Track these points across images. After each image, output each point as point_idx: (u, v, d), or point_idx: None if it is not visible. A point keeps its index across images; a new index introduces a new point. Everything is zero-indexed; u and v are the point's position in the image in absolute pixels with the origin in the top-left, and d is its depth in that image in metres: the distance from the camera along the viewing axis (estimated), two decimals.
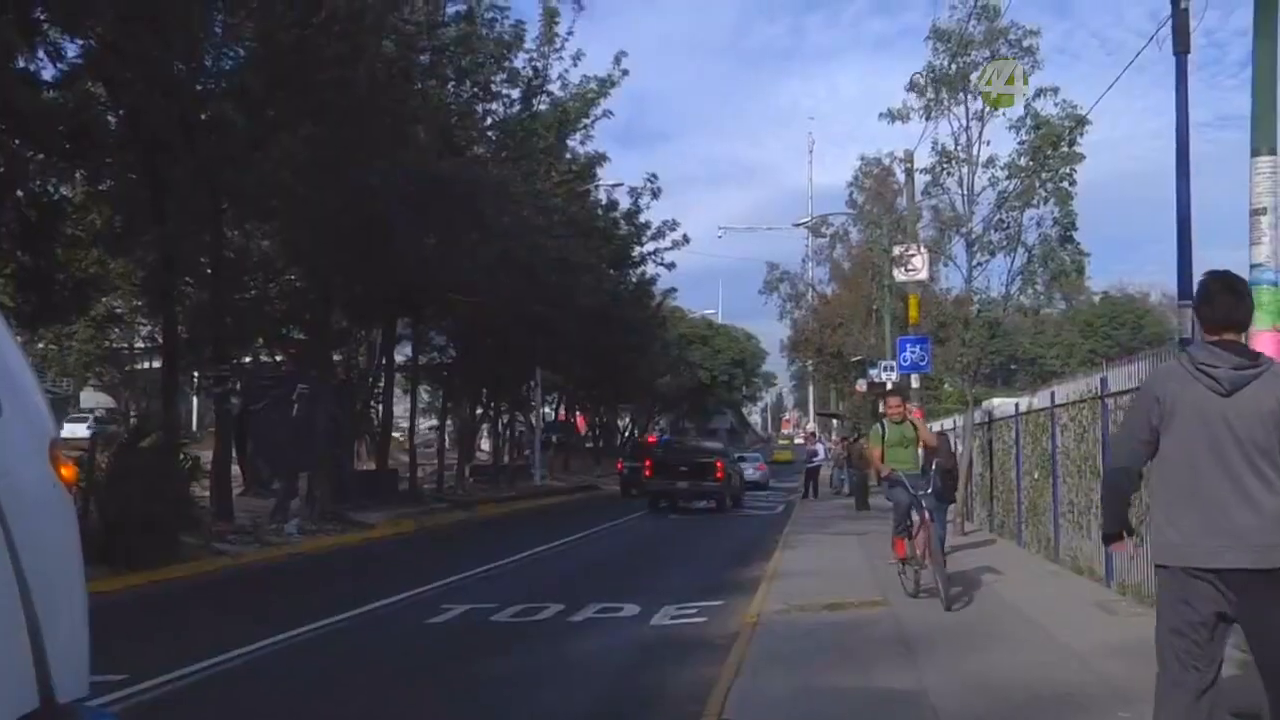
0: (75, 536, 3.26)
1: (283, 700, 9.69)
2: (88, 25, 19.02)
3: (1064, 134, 31.98)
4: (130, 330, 38.51)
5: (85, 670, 3.19)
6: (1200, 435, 5.12)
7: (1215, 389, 5.08)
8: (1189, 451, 5.15)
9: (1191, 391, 5.14)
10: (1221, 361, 5.10)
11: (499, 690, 9.85)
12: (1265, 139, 7.64)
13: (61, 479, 3.21)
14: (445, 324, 40.36)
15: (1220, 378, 5.07)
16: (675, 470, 36.20)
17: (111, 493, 17.74)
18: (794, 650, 10.45)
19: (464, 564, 19.21)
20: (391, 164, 25.38)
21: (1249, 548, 4.96)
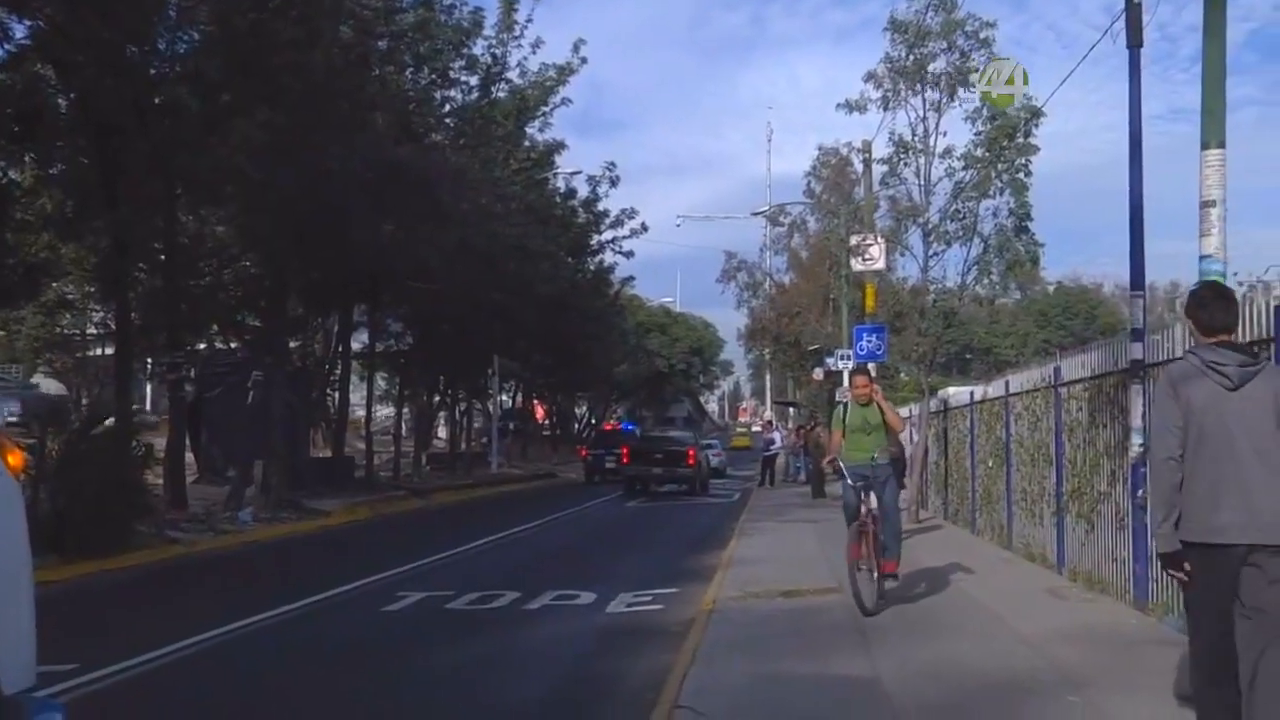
0: (22, 524, 3.21)
1: (235, 689, 9.63)
2: (35, 6, 18.79)
3: (1019, 126, 32.26)
4: (82, 316, 38.09)
5: (32, 660, 3.15)
6: (1215, 425, 5.66)
7: (1225, 384, 5.67)
8: (1206, 440, 5.67)
9: (1204, 387, 5.70)
10: (1228, 360, 5.71)
11: (454, 678, 9.82)
12: (1215, 133, 7.71)
13: (8, 466, 3.16)
14: (402, 311, 40.23)
15: (1229, 374, 5.66)
16: (651, 457, 38.28)
17: (62, 480, 17.56)
18: (750, 637, 10.48)
19: (420, 552, 19.17)
20: (348, 150, 25.20)
21: (1262, 526, 5.49)
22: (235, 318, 32.83)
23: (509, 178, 41.06)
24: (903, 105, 34.00)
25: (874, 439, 12.20)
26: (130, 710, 8.81)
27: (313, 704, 9.00)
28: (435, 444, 55.65)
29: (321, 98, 23.62)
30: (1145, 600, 11.14)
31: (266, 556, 20.09)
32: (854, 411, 12.42)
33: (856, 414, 12.34)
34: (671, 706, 7.84)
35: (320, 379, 38.35)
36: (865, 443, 12.17)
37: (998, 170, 33.69)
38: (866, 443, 12.17)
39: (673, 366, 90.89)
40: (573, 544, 22.00)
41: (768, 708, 7.77)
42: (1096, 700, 7.67)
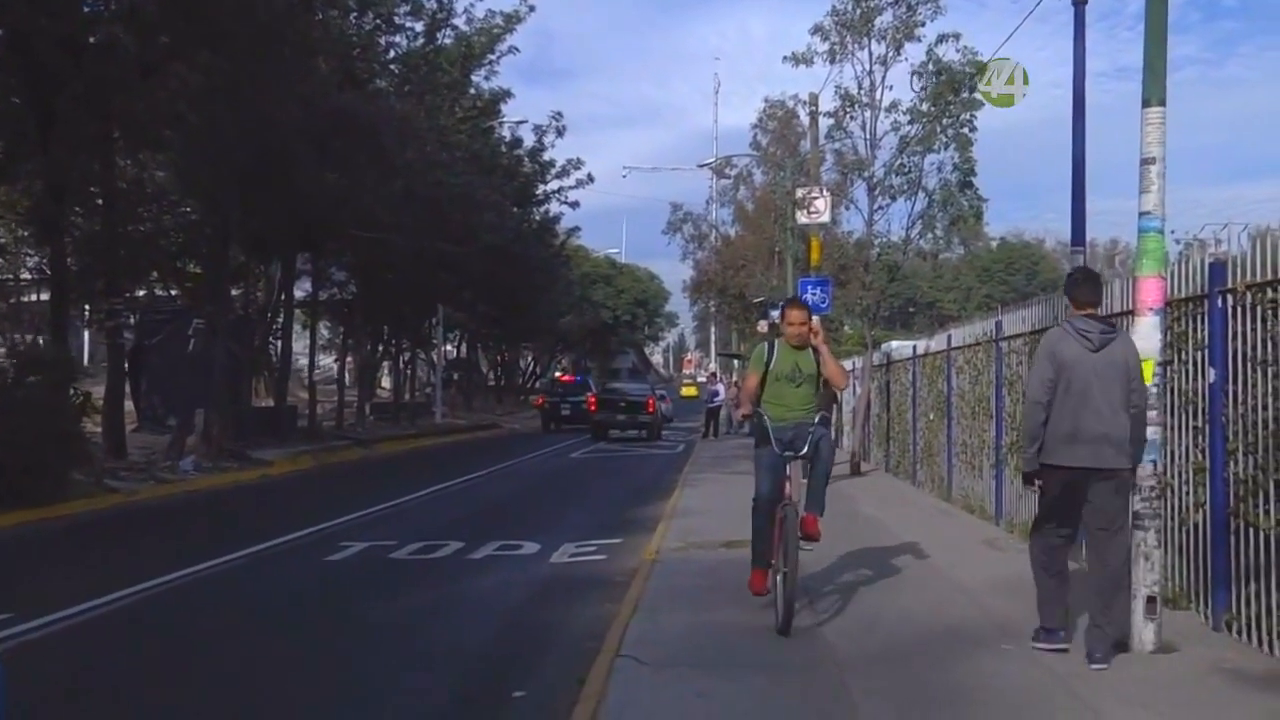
0: None
1: (175, 639, 9.58)
2: None
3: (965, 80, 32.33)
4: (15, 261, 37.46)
5: None
6: (1079, 379, 7.50)
7: (1088, 346, 7.51)
8: (1071, 391, 7.51)
9: (1073, 348, 7.55)
10: (1092, 329, 7.58)
11: (396, 628, 9.82)
12: (1156, 90, 7.75)
13: None
14: (346, 259, 39.86)
15: (1092, 339, 7.53)
16: (616, 406, 43.00)
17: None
18: (692, 587, 10.57)
19: (363, 502, 19.12)
20: (291, 96, 24.84)
21: (1105, 456, 7.42)
22: (176, 264, 32.46)
23: (454, 126, 40.79)
24: (849, 59, 33.96)
25: (804, 394, 9.27)
26: (68, 661, 8.76)
27: (254, 654, 8.97)
28: (379, 394, 55.48)
29: (263, 42, 23.10)
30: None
31: (208, 506, 19.97)
32: (784, 355, 9.29)
33: (787, 358, 9.26)
34: (613, 655, 7.88)
35: (263, 327, 37.97)
36: (793, 397, 9.24)
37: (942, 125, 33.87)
38: (795, 397, 9.24)
39: (617, 318, 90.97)
40: (517, 495, 22.02)
41: (709, 656, 7.84)
42: (1030, 648, 7.80)
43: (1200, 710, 6.45)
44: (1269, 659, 7.48)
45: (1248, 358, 7.83)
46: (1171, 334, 8.67)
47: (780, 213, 40.43)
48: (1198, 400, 8.56)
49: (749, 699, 6.72)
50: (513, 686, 7.69)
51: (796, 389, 9.24)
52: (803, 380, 9.25)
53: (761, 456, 9.09)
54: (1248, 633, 7.83)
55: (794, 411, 9.20)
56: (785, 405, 9.23)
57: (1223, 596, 8.17)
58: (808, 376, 9.27)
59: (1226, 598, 8.12)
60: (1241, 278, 7.93)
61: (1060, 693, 6.81)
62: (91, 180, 24.70)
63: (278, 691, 7.82)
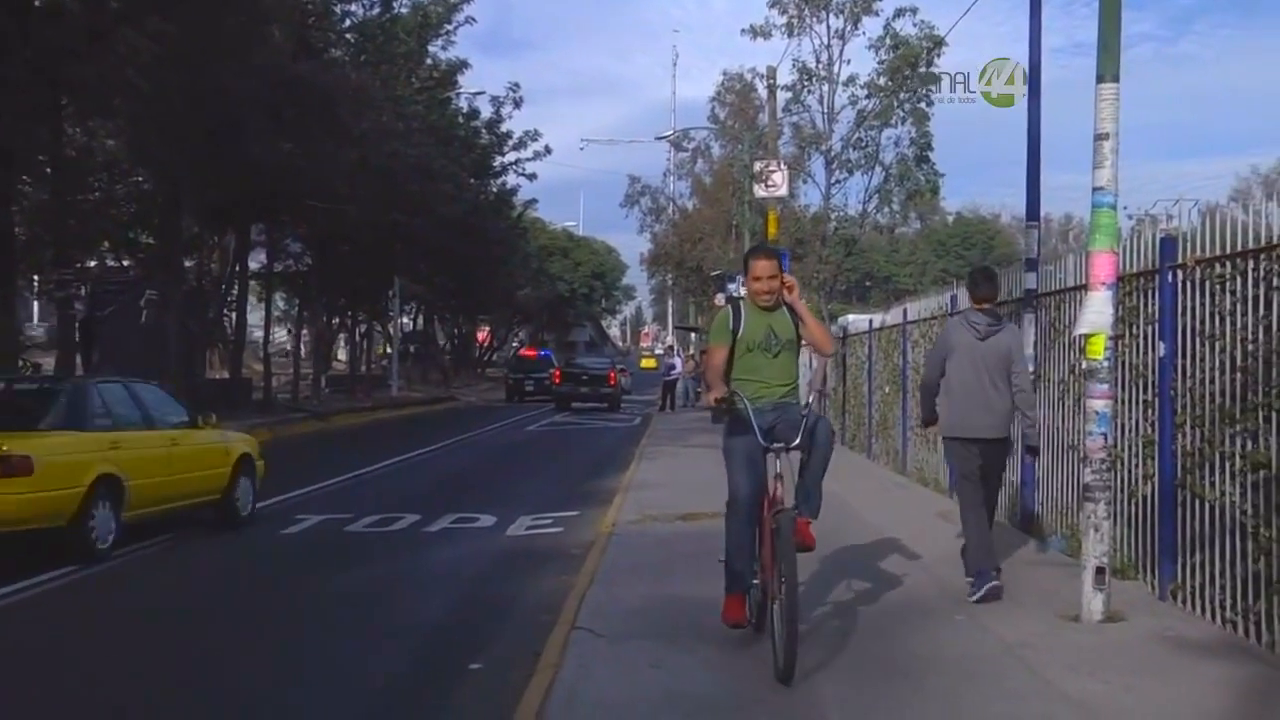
0: None
1: (127, 614, 9.58)
2: None
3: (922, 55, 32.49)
4: None
5: None
6: (967, 363, 8.91)
7: (975, 335, 8.92)
8: (961, 372, 8.94)
9: (964, 336, 9.00)
10: (981, 320, 8.99)
11: (352, 601, 9.85)
12: (1110, 66, 7.84)
13: None
14: (301, 230, 39.57)
15: (980, 329, 8.93)
16: (579, 379, 45.08)
17: None
18: (648, 560, 10.62)
19: (319, 475, 19.09)
20: (244, 64, 24.63)
21: (989, 427, 8.90)
22: (127, 235, 32.12)
23: (411, 97, 40.56)
24: (807, 32, 34.29)
25: (783, 365, 7.59)
26: (20, 634, 8.74)
27: (209, 627, 8.98)
28: (335, 366, 55.22)
29: (214, 8, 22.96)
30: (1030, 523, 11.50)
31: None
32: (753, 319, 7.56)
33: (757, 323, 7.53)
34: (569, 627, 7.93)
35: (216, 299, 37.77)
36: (771, 369, 7.53)
37: (899, 100, 34.02)
38: (773, 370, 7.53)
39: (575, 290, 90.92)
40: (474, 467, 22.03)
41: (664, 628, 7.90)
42: (981, 618, 7.92)
43: (1145, 677, 6.57)
44: (1212, 627, 7.63)
45: (1196, 332, 7.95)
46: (1123, 308, 8.78)
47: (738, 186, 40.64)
48: (1148, 374, 8.68)
49: (703, 670, 6.80)
50: (469, 659, 7.73)
51: (774, 360, 7.50)
52: (780, 348, 7.51)
53: (736, 448, 7.32)
54: (1192, 602, 7.98)
55: (773, 388, 7.48)
56: (762, 381, 7.47)
57: (1169, 567, 8.31)
58: (786, 343, 7.53)
59: (1173, 568, 8.26)
60: (1191, 253, 8.05)
61: (1011, 661, 6.92)
62: (39, 148, 24.30)
63: (229, 665, 7.82)
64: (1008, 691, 6.30)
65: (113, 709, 6.90)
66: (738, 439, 7.32)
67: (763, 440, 7.07)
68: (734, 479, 7.32)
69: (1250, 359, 7.25)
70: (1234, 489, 7.42)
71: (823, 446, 7.36)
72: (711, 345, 7.84)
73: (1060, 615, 7.93)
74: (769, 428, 7.20)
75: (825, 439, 7.39)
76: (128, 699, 7.04)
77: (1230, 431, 7.46)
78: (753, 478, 7.22)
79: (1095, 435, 7.95)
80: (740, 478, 7.28)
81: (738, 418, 7.28)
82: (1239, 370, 7.38)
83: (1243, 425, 7.31)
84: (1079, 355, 8.87)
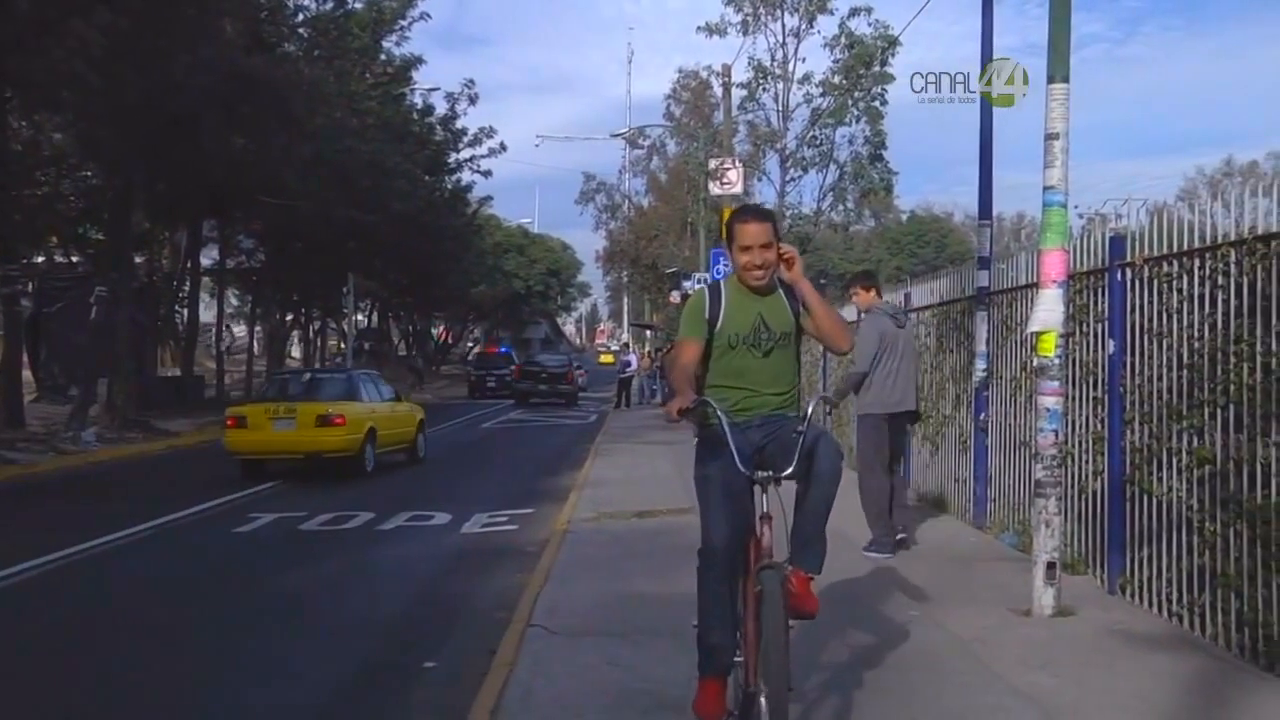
0: None
1: (77, 613, 9.51)
2: None
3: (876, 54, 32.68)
4: None
5: None
6: (896, 348, 10.51)
7: (897, 325, 10.73)
8: (892, 358, 10.48)
9: (889, 326, 10.62)
10: (897, 312, 11.15)
11: (306, 599, 9.83)
12: (1060, 67, 7.93)
13: None
14: (255, 227, 39.44)
15: (898, 320, 10.85)
16: (538, 376, 46.82)
17: None
18: (603, 557, 10.64)
19: (273, 473, 19.01)
20: (196, 58, 24.46)
21: (911, 400, 10.71)
22: (76, 230, 31.93)
23: (365, 92, 40.38)
24: (762, 30, 34.43)
25: (777, 367, 5.68)
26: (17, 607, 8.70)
27: (158, 626, 8.92)
28: (289, 362, 54.92)
29: (166, 1, 22.75)
30: (984, 520, 11.59)
31: (112, 477, 19.75)
32: (738, 304, 5.63)
33: (744, 309, 5.61)
34: (524, 625, 7.95)
35: (168, 295, 37.54)
36: (760, 373, 5.62)
37: (854, 98, 34.18)
38: (763, 373, 5.62)
39: (530, 287, 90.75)
40: (429, 465, 21.98)
41: (619, 625, 7.91)
42: (935, 613, 8.00)
43: (1093, 670, 6.66)
44: (1159, 620, 7.73)
45: (1145, 330, 8.05)
46: (1074, 306, 8.88)
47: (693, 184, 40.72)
48: (1098, 371, 8.78)
49: (658, 665, 6.82)
50: (423, 657, 7.73)
51: (764, 359, 5.57)
52: (773, 343, 5.57)
53: (710, 478, 5.39)
54: (1140, 595, 8.08)
55: (763, 396, 5.56)
56: (748, 388, 5.55)
57: (1118, 561, 8.42)
58: (781, 337, 5.59)
59: (1121, 562, 8.37)
60: (1140, 252, 8.15)
61: (962, 656, 6.99)
62: None
63: (180, 664, 7.80)
64: (960, 685, 6.36)
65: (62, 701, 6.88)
66: (712, 466, 5.37)
67: (744, 468, 5.14)
68: (707, 520, 5.38)
69: (1196, 356, 7.35)
70: (1180, 484, 7.52)
71: (826, 474, 5.38)
72: (681, 339, 5.75)
73: (1012, 610, 8.02)
74: (755, 451, 5.36)
75: (830, 464, 5.38)
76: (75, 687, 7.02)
77: (1177, 428, 7.56)
78: (732, 519, 5.30)
79: (1046, 432, 8.04)
80: (715, 519, 5.34)
81: (712, 437, 5.36)
82: (1185, 367, 7.49)
83: (1189, 422, 7.41)
84: (1030, 352, 8.96)
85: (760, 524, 5.19)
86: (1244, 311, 6.84)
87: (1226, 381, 7.00)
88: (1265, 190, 6.93)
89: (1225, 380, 7.02)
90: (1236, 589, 6.90)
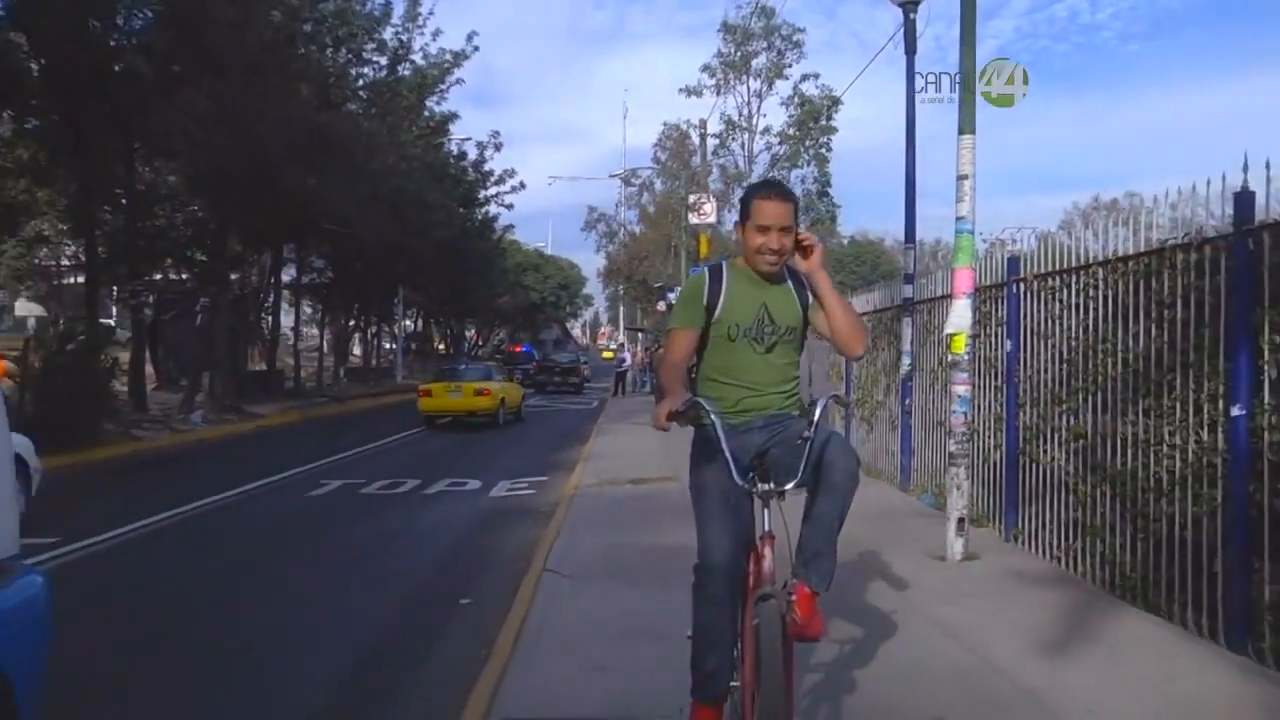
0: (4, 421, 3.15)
1: (188, 555, 9.53)
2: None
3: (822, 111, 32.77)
4: (57, 250, 36.75)
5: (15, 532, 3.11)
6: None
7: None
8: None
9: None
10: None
11: (366, 548, 9.84)
12: (968, 123, 7.96)
13: None
14: (324, 250, 39.41)
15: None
16: (554, 370, 47.85)
17: (43, 387, 17.15)
18: (604, 515, 10.65)
19: (339, 448, 19.01)
20: (279, 116, 24.56)
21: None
22: (185, 253, 31.97)
23: (411, 141, 40.19)
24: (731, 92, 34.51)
25: (780, 365, 4.17)
26: (102, 576, 8.68)
27: (256, 569, 8.95)
28: (351, 359, 54.80)
29: (254, 71, 22.92)
30: (908, 484, 11.63)
31: (213, 452, 19.69)
32: (742, 291, 4.12)
33: (748, 298, 4.11)
34: (540, 570, 7.98)
35: (256, 305, 37.41)
36: (760, 370, 4.13)
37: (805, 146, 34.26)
38: (765, 370, 4.14)
39: (544, 298, 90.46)
40: (463, 442, 21.95)
41: (616, 568, 7.95)
42: (868, 558, 8.03)
43: (993, 602, 6.69)
44: (1043, 562, 7.79)
45: (1034, 332, 8.10)
46: (980, 313, 8.92)
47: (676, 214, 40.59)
48: (998, 365, 8.81)
49: (648, 601, 6.84)
50: (460, 594, 7.74)
51: (765, 355, 4.12)
52: (777, 339, 4.12)
53: (706, 487, 4.05)
54: (1029, 543, 8.13)
55: (765, 396, 4.13)
56: (747, 387, 4.11)
57: (1012, 516, 8.46)
58: (786, 332, 4.14)
59: (1015, 517, 8.42)
60: (1030, 270, 8.19)
61: (890, 594, 7.02)
62: (116, 183, 24.22)
63: (270, 597, 7.81)
64: (887, 614, 6.39)
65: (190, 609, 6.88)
66: (708, 472, 3.98)
67: (741, 480, 3.76)
68: (704, 534, 4.04)
69: (1073, 353, 7.40)
70: (1061, 455, 7.57)
71: (840, 481, 3.94)
72: (673, 329, 4.21)
73: (929, 555, 8.05)
74: (756, 456, 3.99)
75: (844, 469, 3.93)
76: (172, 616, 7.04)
77: (1058, 410, 7.61)
78: (731, 537, 3.95)
79: (958, 414, 8.09)
80: (713, 533, 3.99)
81: (707, 438, 3.93)
82: (1065, 362, 7.53)
83: (1067, 405, 7.46)
84: (945, 350, 9.00)
85: (761, 544, 3.81)
86: (1109, 317, 6.88)
87: (1096, 373, 7.05)
88: (1124, 222, 6.97)
89: (1095, 372, 7.07)
90: (1101, 536, 6.95)
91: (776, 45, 33.28)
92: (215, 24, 20.82)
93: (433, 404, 25.14)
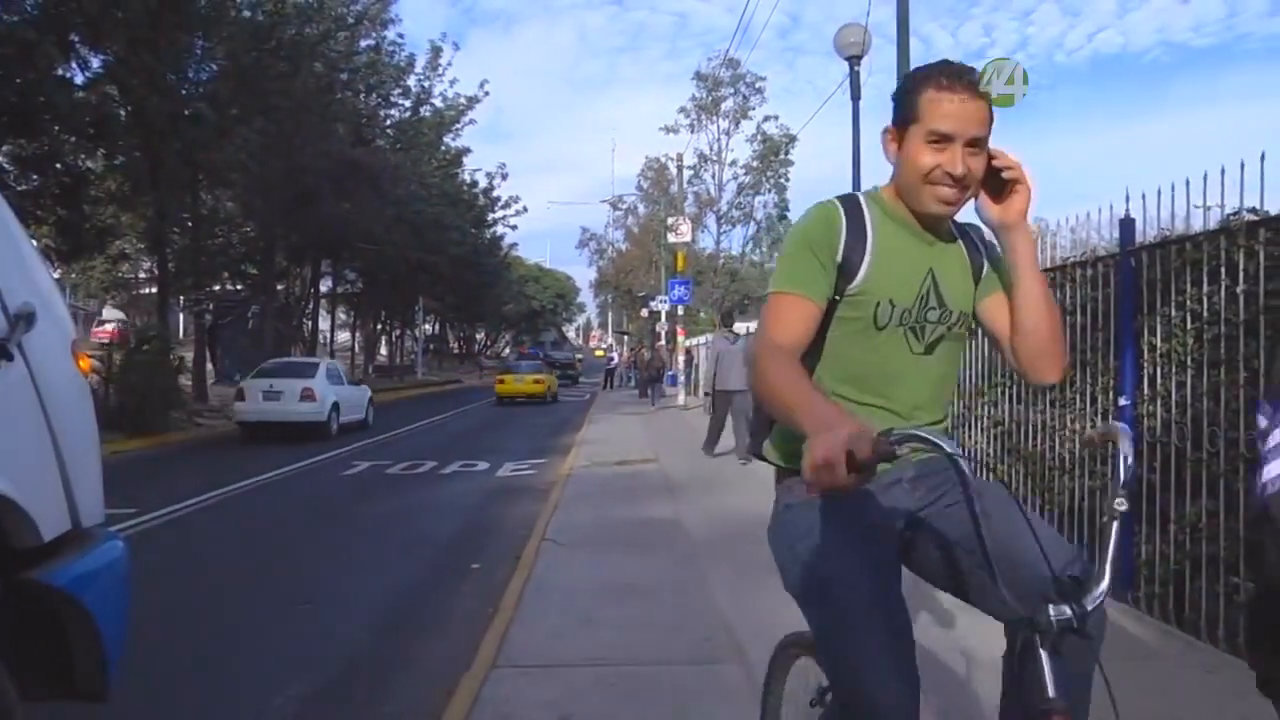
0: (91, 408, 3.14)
1: (245, 524, 9.47)
2: (106, 45, 18.54)
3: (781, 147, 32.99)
4: (136, 265, 37.22)
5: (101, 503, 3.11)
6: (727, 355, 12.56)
7: (729, 342, 12.84)
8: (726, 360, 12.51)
9: (725, 344, 12.88)
10: (731, 336, 13.10)
11: (391, 520, 9.78)
12: None
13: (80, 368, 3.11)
14: (355, 264, 39.55)
15: (730, 340, 12.91)
16: (554, 364, 45.29)
17: (122, 380, 17.45)
18: (595, 492, 10.61)
19: (368, 434, 18.98)
20: (319, 150, 24.96)
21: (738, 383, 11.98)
22: (239, 267, 32.17)
23: (431, 172, 40.28)
24: (703, 130, 34.80)
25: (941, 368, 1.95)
26: (175, 542, 8.62)
27: (296, 538, 8.89)
28: (378, 358, 54.67)
29: (300, 112, 23.66)
30: None
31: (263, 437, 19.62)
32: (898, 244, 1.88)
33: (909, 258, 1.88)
34: (540, 539, 7.96)
35: (299, 311, 37.35)
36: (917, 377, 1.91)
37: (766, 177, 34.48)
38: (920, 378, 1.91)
39: (544, 306, 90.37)
40: (472, 430, 21.92)
41: (604, 537, 7.92)
42: None
43: None
44: None
45: None
46: None
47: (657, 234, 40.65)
48: None
49: (634, 566, 6.83)
50: (470, 560, 7.69)
51: (924, 356, 1.96)
52: (945, 330, 1.96)
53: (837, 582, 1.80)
54: None
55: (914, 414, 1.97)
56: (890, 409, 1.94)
57: None
58: (958, 321, 1.97)
59: None
60: None
61: None
62: (184, 209, 24.59)
63: (309, 563, 7.76)
64: None
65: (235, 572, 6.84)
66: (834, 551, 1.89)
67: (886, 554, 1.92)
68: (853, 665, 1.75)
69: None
70: (983, 439, 7.59)
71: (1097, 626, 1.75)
72: (779, 291, 1.94)
73: None
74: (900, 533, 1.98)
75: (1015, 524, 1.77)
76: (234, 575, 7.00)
77: (980, 401, 7.63)
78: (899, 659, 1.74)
79: None
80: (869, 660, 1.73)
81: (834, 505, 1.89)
82: (985, 360, 7.56)
83: (989, 397, 7.48)
84: None
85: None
86: None
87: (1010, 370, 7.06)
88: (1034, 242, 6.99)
89: (1009, 369, 7.09)
90: None
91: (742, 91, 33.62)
92: (268, 74, 21.56)
93: (507, 389, 31.13)
